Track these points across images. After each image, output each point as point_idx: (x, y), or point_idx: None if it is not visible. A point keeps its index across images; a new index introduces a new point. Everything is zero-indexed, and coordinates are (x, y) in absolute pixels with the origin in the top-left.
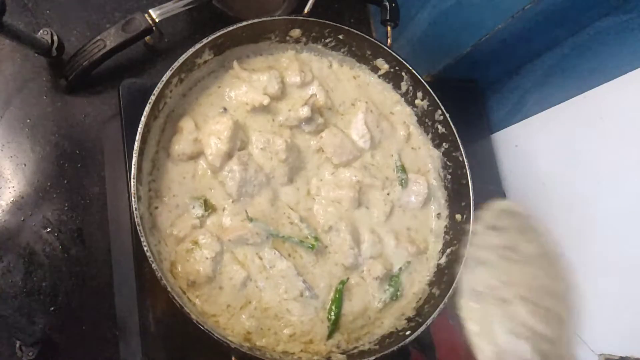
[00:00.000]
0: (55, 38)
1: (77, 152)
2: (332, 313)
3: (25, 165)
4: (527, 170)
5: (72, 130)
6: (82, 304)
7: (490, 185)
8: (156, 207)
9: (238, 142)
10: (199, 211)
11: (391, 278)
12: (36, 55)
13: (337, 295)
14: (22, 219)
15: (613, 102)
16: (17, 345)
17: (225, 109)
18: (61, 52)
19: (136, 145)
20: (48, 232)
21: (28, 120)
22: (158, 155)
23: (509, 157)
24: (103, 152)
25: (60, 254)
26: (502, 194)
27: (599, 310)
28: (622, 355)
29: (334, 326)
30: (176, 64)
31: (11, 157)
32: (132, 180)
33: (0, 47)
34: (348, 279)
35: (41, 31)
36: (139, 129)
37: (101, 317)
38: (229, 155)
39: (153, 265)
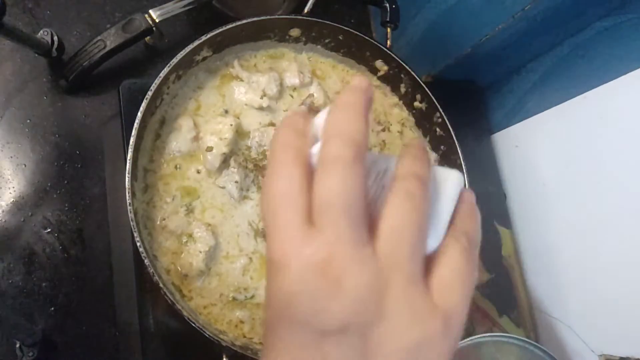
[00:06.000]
0: (55, 38)
1: (77, 152)
2: None
3: (25, 165)
4: (527, 171)
5: (72, 130)
6: (82, 304)
7: (491, 186)
8: (151, 204)
9: (238, 144)
10: (193, 206)
11: None
12: (36, 55)
13: None
14: (22, 219)
15: (613, 102)
16: (17, 345)
17: (226, 111)
18: (61, 52)
19: (132, 140)
20: (48, 232)
21: (28, 121)
22: (154, 152)
23: (509, 158)
24: (103, 153)
25: (60, 254)
26: (502, 195)
27: (599, 310)
28: (622, 356)
29: None
30: (174, 60)
31: (11, 157)
32: (127, 175)
33: (0, 47)
34: None
35: (41, 31)
36: (135, 124)
37: (101, 317)
38: (229, 157)
39: (146, 261)
